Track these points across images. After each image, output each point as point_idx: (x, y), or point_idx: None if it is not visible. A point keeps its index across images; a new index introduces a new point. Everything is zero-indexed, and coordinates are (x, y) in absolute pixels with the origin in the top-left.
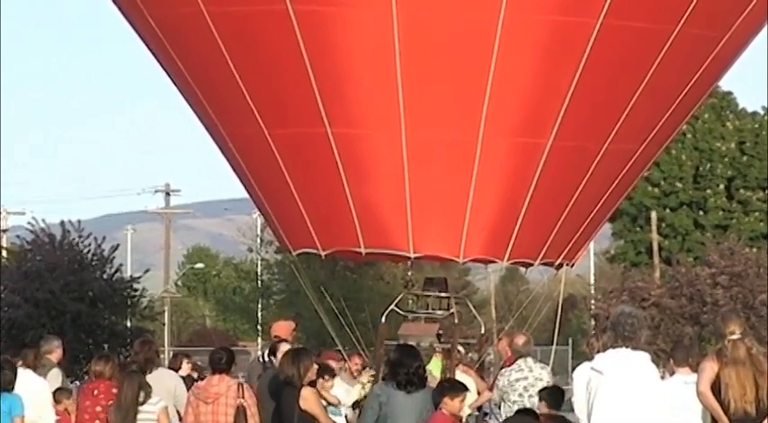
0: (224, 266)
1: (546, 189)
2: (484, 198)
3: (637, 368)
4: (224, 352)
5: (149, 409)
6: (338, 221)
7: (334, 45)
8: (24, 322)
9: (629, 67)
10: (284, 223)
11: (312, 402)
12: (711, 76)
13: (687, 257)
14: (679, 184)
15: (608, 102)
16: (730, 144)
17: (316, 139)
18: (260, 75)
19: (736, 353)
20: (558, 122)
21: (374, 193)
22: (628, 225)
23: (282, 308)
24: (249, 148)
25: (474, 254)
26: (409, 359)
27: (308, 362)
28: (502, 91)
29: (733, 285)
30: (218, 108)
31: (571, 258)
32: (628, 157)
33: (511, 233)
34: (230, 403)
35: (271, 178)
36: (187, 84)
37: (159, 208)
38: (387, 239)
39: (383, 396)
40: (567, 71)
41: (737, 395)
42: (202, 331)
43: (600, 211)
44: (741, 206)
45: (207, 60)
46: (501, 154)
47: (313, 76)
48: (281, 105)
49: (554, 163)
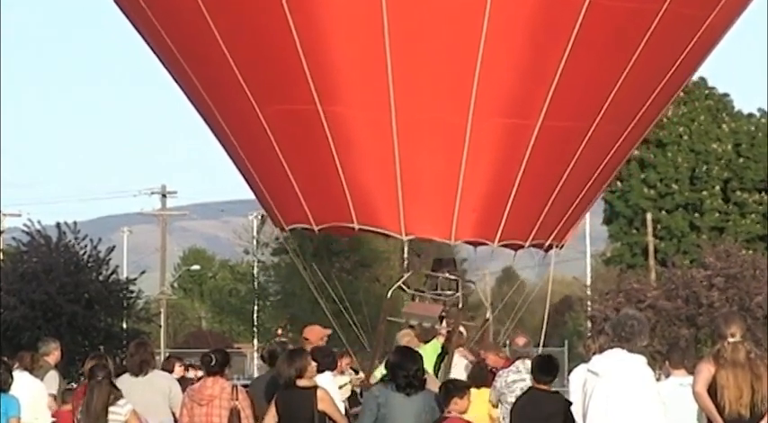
0: (220, 268)
1: (535, 170)
2: (474, 179)
3: (632, 371)
4: (215, 354)
5: (117, 411)
6: (331, 197)
7: (324, 23)
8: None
9: (617, 46)
10: (277, 199)
11: (328, 403)
12: (697, 57)
13: (683, 259)
14: (675, 185)
15: (596, 82)
16: (726, 146)
17: (307, 115)
18: (251, 52)
19: (735, 355)
20: (547, 103)
21: (365, 173)
22: (624, 227)
23: (278, 309)
24: (241, 126)
25: (465, 235)
26: (408, 362)
27: (304, 362)
28: (491, 72)
29: (729, 287)
30: (209, 86)
31: (560, 240)
32: (615, 138)
33: (501, 214)
34: (224, 405)
35: (263, 155)
36: (177, 63)
37: (155, 210)
38: (378, 220)
39: (381, 397)
40: (556, 51)
41: (733, 397)
42: (198, 333)
43: (588, 192)
44: (737, 208)
45: (197, 38)
46: (490, 135)
47: (303, 53)
48: (272, 82)
49: (543, 144)
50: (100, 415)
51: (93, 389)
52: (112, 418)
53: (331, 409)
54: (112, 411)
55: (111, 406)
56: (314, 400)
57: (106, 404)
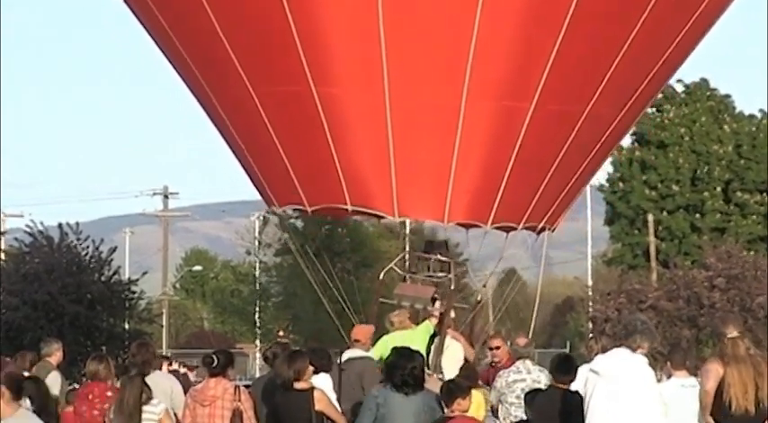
0: (222, 269)
1: (529, 152)
2: (467, 161)
3: (634, 371)
4: (217, 355)
5: (151, 410)
6: (324, 179)
7: (318, 4)
8: (23, 324)
9: (612, 30)
10: (271, 181)
11: (326, 403)
12: (691, 40)
13: (684, 260)
14: (676, 187)
15: (590, 66)
16: (728, 147)
17: (301, 97)
18: (246, 34)
19: (736, 350)
20: (541, 86)
21: (359, 155)
22: (625, 228)
23: (280, 310)
24: (236, 108)
25: (458, 217)
26: (403, 361)
27: (302, 364)
28: (485, 55)
29: (730, 288)
30: (204, 69)
31: (552, 223)
32: (609, 121)
33: (495, 196)
34: (227, 406)
35: (257, 136)
36: (174, 46)
37: (157, 211)
38: (372, 201)
39: (380, 398)
40: (550, 35)
41: (739, 393)
42: (200, 333)
43: (581, 175)
44: (738, 209)
45: (193, 21)
46: (484, 117)
47: (297, 35)
48: (266, 64)
49: (537, 126)
50: (133, 412)
51: (125, 385)
52: (147, 418)
53: (328, 408)
54: (146, 411)
55: (144, 405)
56: (311, 402)
57: (139, 401)
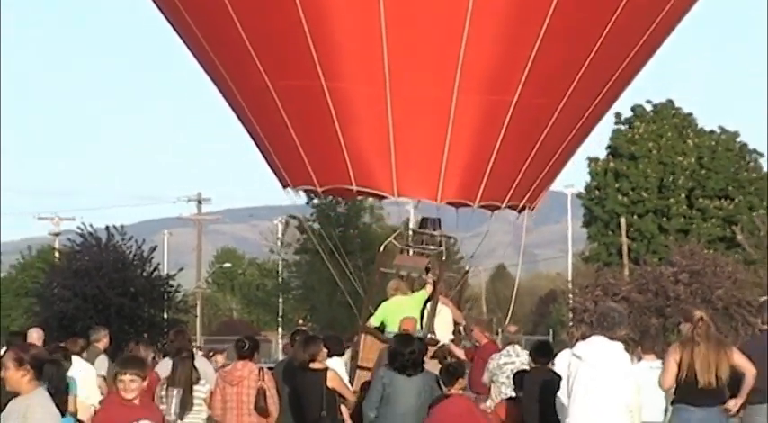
0: (248, 266)
1: (511, 140)
2: (458, 147)
3: (612, 355)
4: (247, 340)
5: (200, 389)
6: (332, 162)
7: (329, 8)
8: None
9: (586, 32)
10: (286, 164)
11: (337, 381)
12: (660, 34)
13: (653, 258)
14: (645, 193)
15: (567, 63)
16: (691, 159)
17: (313, 91)
18: (264, 33)
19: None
20: (522, 82)
21: (363, 141)
22: (601, 230)
23: (300, 302)
24: (255, 99)
25: (450, 196)
26: (403, 347)
27: (316, 348)
28: (473, 54)
29: (693, 282)
30: (227, 65)
31: (532, 202)
32: (582, 112)
33: (482, 178)
34: (252, 385)
35: (274, 125)
36: (201, 46)
37: (192, 214)
38: (374, 182)
39: (386, 378)
40: (531, 35)
41: (704, 368)
42: (229, 322)
43: (557, 161)
44: (700, 213)
45: (218, 23)
46: (472, 109)
47: (309, 35)
48: (282, 61)
49: (518, 117)
50: (186, 387)
51: (177, 365)
52: (196, 396)
53: (339, 385)
54: (196, 389)
55: (195, 384)
56: (324, 380)
57: (190, 379)
